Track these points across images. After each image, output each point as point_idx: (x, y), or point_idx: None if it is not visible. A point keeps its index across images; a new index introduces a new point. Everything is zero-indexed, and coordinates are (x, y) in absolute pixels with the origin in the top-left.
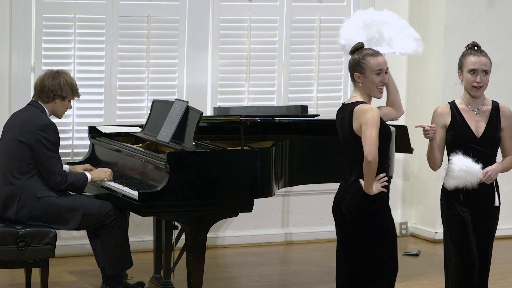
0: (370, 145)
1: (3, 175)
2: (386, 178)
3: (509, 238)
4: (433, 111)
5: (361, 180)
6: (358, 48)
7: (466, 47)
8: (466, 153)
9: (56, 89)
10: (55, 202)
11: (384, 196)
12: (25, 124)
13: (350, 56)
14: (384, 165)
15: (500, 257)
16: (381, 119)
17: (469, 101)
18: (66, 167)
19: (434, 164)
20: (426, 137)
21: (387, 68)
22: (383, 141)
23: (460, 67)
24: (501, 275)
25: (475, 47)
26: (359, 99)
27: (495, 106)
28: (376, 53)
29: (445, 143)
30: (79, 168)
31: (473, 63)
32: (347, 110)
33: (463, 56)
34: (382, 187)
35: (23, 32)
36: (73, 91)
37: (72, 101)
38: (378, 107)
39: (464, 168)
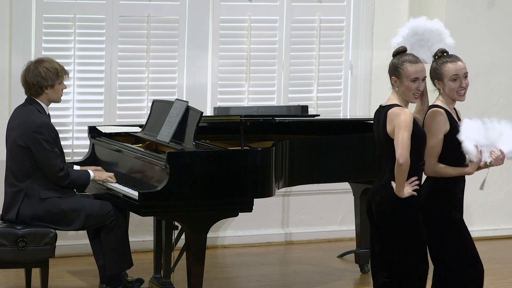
0: (402, 148)
1: (8, 177)
2: (417, 182)
3: (509, 238)
4: (433, 119)
5: (393, 183)
6: (400, 52)
7: (435, 56)
8: (460, 153)
9: (40, 82)
10: (59, 203)
11: (414, 200)
12: (21, 127)
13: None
14: (417, 168)
15: (500, 257)
16: (415, 122)
17: (449, 104)
18: (76, 167)
19: (437, 175)
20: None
21: (425, 77)
22: (416, 143)
23: (438, 77)
24: (501, 275)
25: (445, 54)
26: (395, 102)
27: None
28: (415, 60)
29: (441, 149)
30: (88, 169)
31: (455, 70)
32: (382, 112)
33: (439, 65)
34: (414, 190)
35: (23, 32)
36: (59, 75)
37: (64, 82)
38: None
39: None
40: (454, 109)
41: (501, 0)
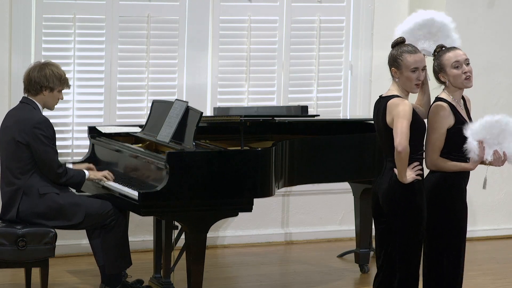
0: (401, 136)
1: (5, 176)
2: (420, 167)
3: (509, 238)
4: (436, 114)
5: (395, 169)
6: (398, 43)
7: (434, 52)
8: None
9: (42, 81)
10: (58, 198)
11: (419, 184)
12: (19, 124)
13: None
14: (417, 156)
15: (500, 257)
16: (414, 112)
17: (455, 95)
18: (69, 166)
19: (438, 169)
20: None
21: (424, 66)
22: (416, 133)
23: (441, 69)
24: (501, 275)
25: (443, 48)
26: (395, 93)
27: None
28: (414, 51)
29: (443, 143)
30: (82, 167)
31: (455, 56)
32: (382, 103)
33: (439, 58)
34: (417, 175)
35: (23, 32)
36: (61, 82)
37: (63, 92)
38: None
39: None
40: (463, 98)
41: (501, 0)
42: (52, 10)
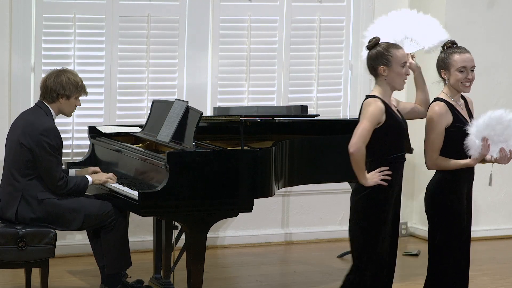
0: (358, 138)
1: (7, 175)
2: (388, 172)
3: (509, 238)
4: (433, 113)
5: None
6: (376, 42)
7: (444, 46)
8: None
9: (58, 89)
10: (57, 204)
11: (383, 190)
12: (27, 127)
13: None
14: (389, 160)
15: (500, 257)
16: (390, 113)
17: (453, 95)
18: (72, 172)
19: (439, 168)
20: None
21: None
22: (390, 134)
23: (446, 67)
24: (501, 275)
25: (454, 45)
26: (375, 93)
27: (462, 96)
28: (397, 45)
29: (443, 141)
30: (88, 172)
31: (463, 61)
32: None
33: (448, 55)
34: (383, 180)
35: (23, 32)
36: (78, 89)
37: (80, 98)
38: (405, 103)
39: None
40: (463, 98)
41: (501, 0)
42: (52, 9)
